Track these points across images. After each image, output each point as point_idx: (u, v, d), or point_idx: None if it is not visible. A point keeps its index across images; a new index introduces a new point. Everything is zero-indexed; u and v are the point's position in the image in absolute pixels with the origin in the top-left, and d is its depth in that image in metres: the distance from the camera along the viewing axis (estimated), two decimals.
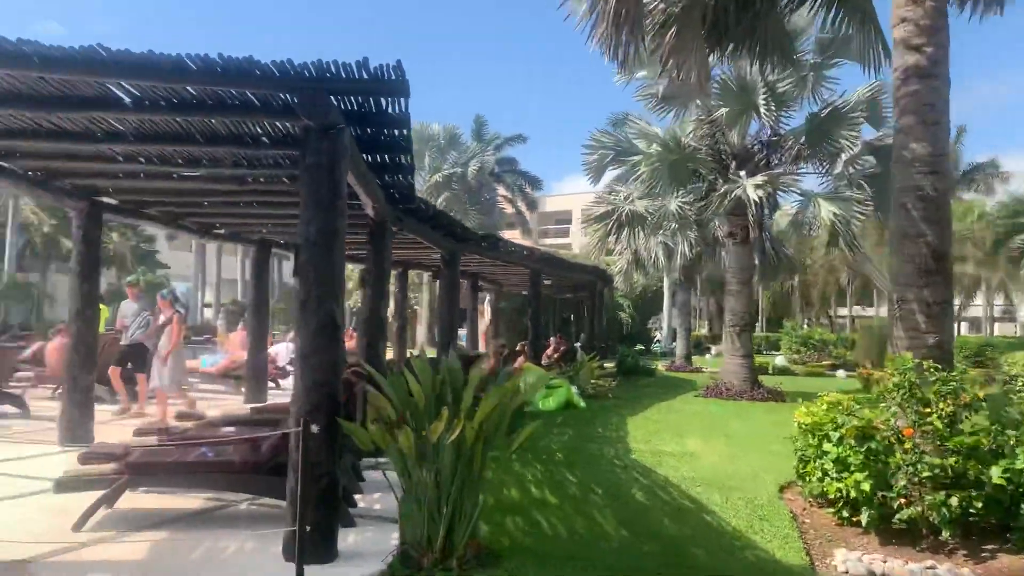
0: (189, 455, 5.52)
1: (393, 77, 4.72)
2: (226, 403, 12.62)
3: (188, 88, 5.03)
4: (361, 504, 6.14)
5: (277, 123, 5.83)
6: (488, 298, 24.30)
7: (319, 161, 4.82)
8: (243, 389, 14.10)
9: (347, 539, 5.05)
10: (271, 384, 14.43)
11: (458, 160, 39.19)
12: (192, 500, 6.05)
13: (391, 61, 4.62)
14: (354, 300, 32.62)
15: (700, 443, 9.61)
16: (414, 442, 4.65)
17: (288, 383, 15.76)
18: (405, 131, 5.94)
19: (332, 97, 4.84)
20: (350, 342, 24.05)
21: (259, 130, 6.05)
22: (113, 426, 9.49)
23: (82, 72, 4.65)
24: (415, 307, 37.23)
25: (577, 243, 52.25)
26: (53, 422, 9.63)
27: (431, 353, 21.90)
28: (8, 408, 10.68)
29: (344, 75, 4.68)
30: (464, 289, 19.16)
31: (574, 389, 13.06)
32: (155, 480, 5.49)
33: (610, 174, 17.63)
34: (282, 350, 17.67)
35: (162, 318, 10.45)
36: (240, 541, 5.12)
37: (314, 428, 4.40)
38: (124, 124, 5.89)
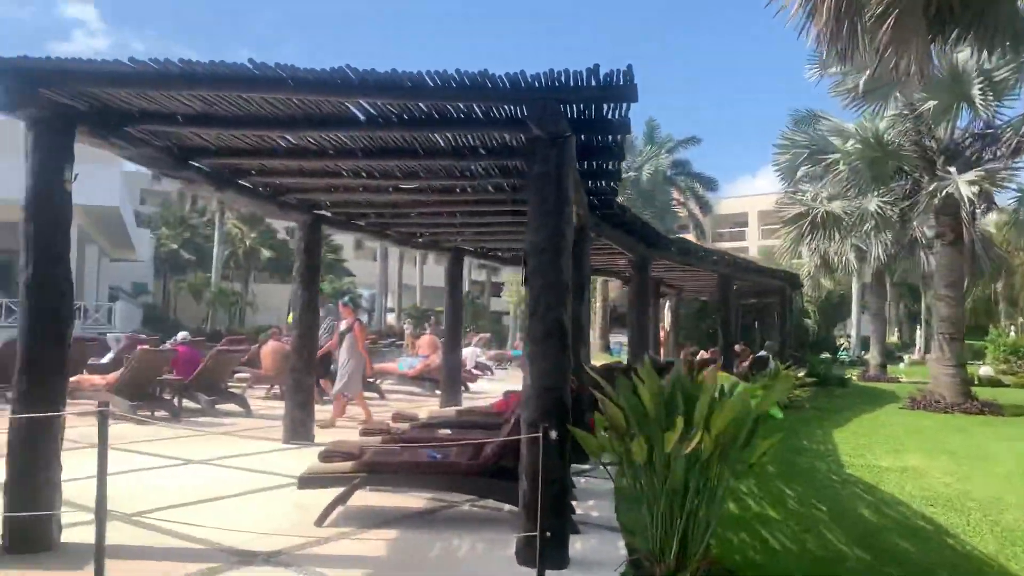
0: (418, 456, 5.73)
1: (622, 83, 4.69)
2: (424, 405, 13.11)
3: (420, 104, 5.23)
4: (578, 511, 6.14)
5: (495, 134, 5.97)
6: (667, 304, 23.90)
7: (547, 170, 4.87)
8: (437, 392, 14.65)
9: (574, 546, 5.05)
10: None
11: (631, 164, 38.90)
12: (414, 499, 6.27)
13: (621, 67, 4.59)
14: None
15: (921, 459, 8.94)
16: (647, 451, 4.58)
17: (477, 386, 16.20)
18: (620, 137, 5.91)
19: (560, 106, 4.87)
20: None
21: (476, 142, 6.22)
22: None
23: (329, 92, 4.93)
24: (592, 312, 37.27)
25: (754, 246, 50.47)
26: (272, 420, 10.39)
27: (601, 360, 21.75)
28: (232, 407, 11.61)
29: (573, 84, 4.69)
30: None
31: None
32: (387, 480, 5.74)
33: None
34: (469, 354, 18.19)
35: (342, 325, 10.86)
36: (469, 542, 5.25)
37: (553, 435, 4.43)
38: (355, 141, 6.22)
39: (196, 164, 6.67)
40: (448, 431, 6.78)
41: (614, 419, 4.71)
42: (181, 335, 12.57)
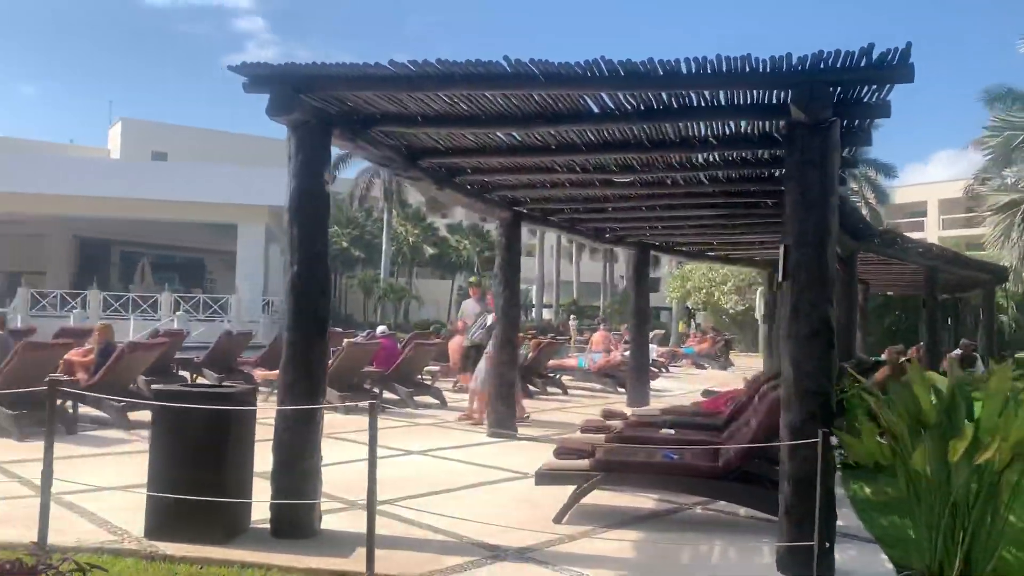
0: (654, 457, 5.60)
1: (896, 62, 4.34)
2: (608, 402, 12.98)
3: (662, 94, 5.07)
4: None
5: (730, 123, 5.74)
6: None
7: (809, 158, 4.59)
8: (619, 388, 14.49)
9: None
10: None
11: None
12: (641, 500, 6.14)
13: (899, 45, 4.24)
14: (733, 302, 32.35)
15: None
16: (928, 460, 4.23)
17: (656, 384, 15.90)
18: (870, 121, 5.51)
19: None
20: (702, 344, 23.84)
21: (707, 132, 6.00)
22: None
23: (577, 86, 4.87)
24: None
25: (933, 236, 47.06)
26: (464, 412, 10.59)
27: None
28: (427, 399, 11.93)
29: (843, 65, 4.39)
30: None
31: None
32: (625, 479, 5.64)
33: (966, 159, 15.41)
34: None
35: (489, 319, 10.36)
36: (718, 547, 5.06)
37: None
38: (581, 135, 6.15)
39: (422, 164, 6.82)
40: (670, 431, 6.61)
41: (893, 425, 4.38)
42: (380, 328, 13.06)
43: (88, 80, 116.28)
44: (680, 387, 16.15)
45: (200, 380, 12.51)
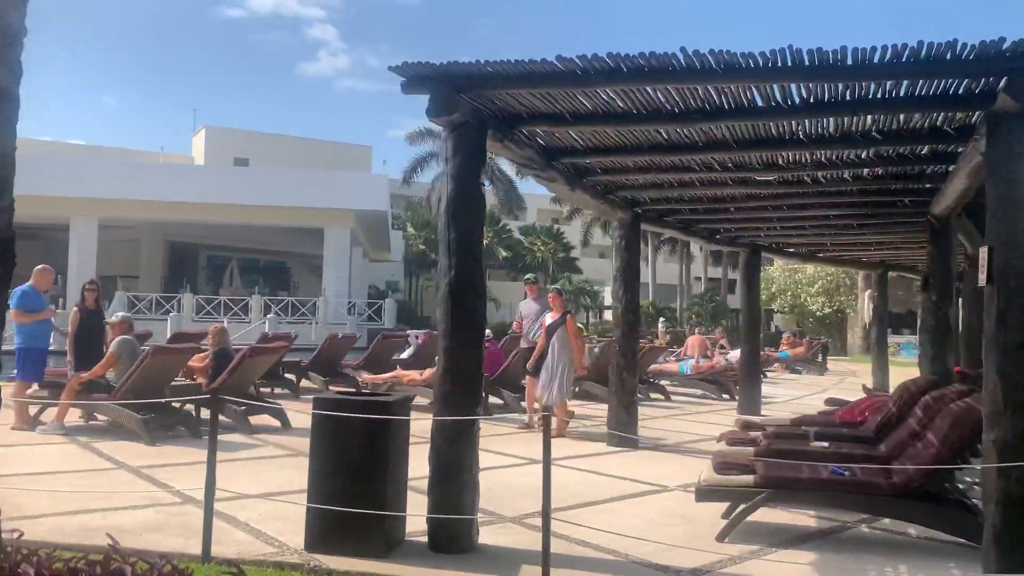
0: (822, 473, 5.25)
1: None
2: (715, 409, 12.57)
3: (838, 84, 4.74)
4: None
5: (899, 116, 5.37)
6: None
7: (1020, 151, 4.21)
8: (724, 395, 14.06)
9: None
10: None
11: None
12: (799, 516, 5.79)
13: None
14: (820, 304, 31.44)
15: None
16: None
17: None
18: None
19: None
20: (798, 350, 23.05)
21: (870, 125, 5.64)
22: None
23: (758, 78, 4.58)
24: (847, 310, 34.87)
25: None
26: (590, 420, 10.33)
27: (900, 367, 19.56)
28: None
29: None
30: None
31: None
32: (789, 496, 5.31)
33: None
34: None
35: (548, 318, 9.40)
36: (905, 571, 4.69)
37: None
38: (732, 131, 5.85)
39: (556, 164, 6.61)
40: (824, 444, 6.23)
41: None
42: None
43: (169, 90, 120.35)
44: (784, 393, 15.60)
45: (304, 384, 12.61)
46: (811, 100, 5.03)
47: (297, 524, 5.20)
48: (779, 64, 4.36)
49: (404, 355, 14.02)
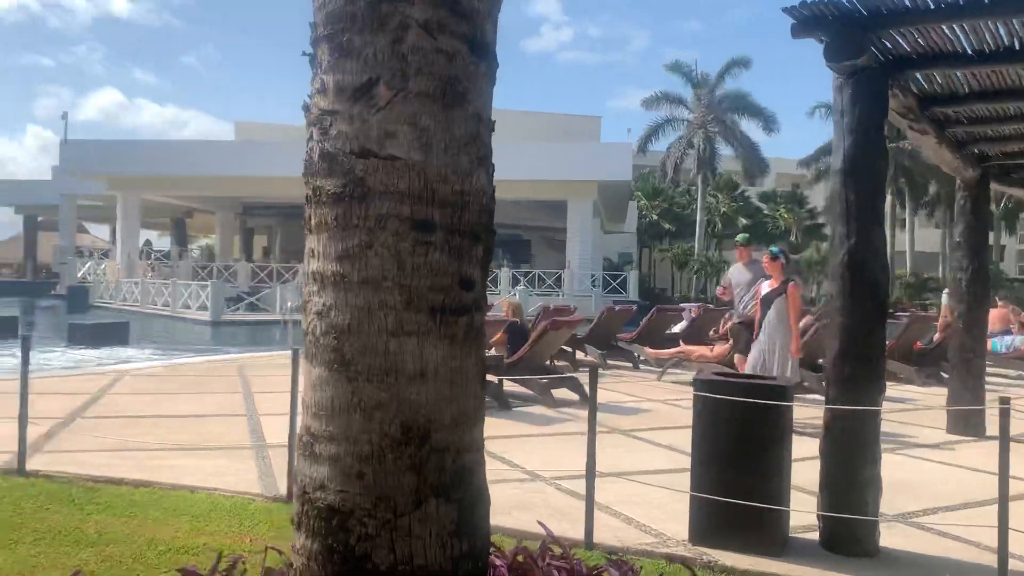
0: None
1: None
2: None
3: None
4: None
5: None
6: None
7: None
8: None
9: None
10: None
11: None
12: None
13: None
14: None
15: None
16: None
17: None
18: None
19: None
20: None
21: None
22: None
23: None
24: None
25: None
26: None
27: None
28: None
29: None
30: None
31: None
32: None
33: None
34: None
35: (764, 286, 8.00)
36: None
37: None
38: None
39: (928, 114, 5.76)
40: None
41: None
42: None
43: None
44: None
45: (580, 356, 12.48)
46: None
47: (662, 510, 4.96)
48: None
49: (676, 329, 13.52)
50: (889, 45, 4.57)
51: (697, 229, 40.72)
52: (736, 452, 4.28)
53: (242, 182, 31.01)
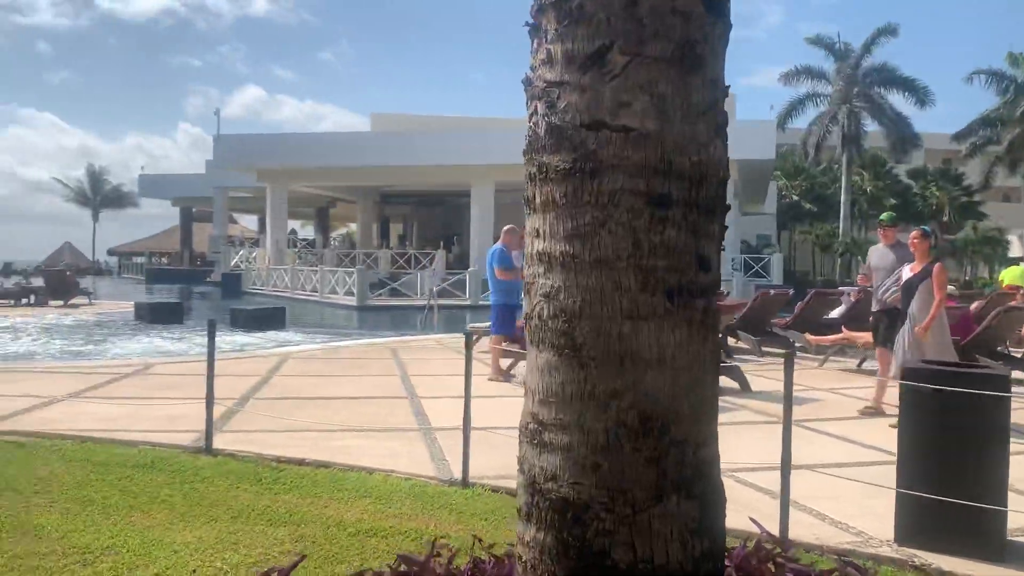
0: None
1: None
2: None
3: None
4: None
5: None
6: None
7: None
8: None
9: None
10: None
11: None
12: None
13: None
14: None
15: None
16: None
17: None
18: None
19: None
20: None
21: None
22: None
23: None
24: None
25: None
26: None
27: None
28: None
29: None
30: None
31: None
32: None
33: None
34: None
35: (906, 271, 7.29)
36: None
37: None
38: None
39: None
40: None
41: None
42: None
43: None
44: None
45: (732, 343, 12.04)
46: None
47: (854, 506, 4.67)
48: None
49: (834, 314, 12.81)
50: None
51: (842, 209, 38.73)
52: (949, 446, 3.92)
53: (381, 172, 31.92)
